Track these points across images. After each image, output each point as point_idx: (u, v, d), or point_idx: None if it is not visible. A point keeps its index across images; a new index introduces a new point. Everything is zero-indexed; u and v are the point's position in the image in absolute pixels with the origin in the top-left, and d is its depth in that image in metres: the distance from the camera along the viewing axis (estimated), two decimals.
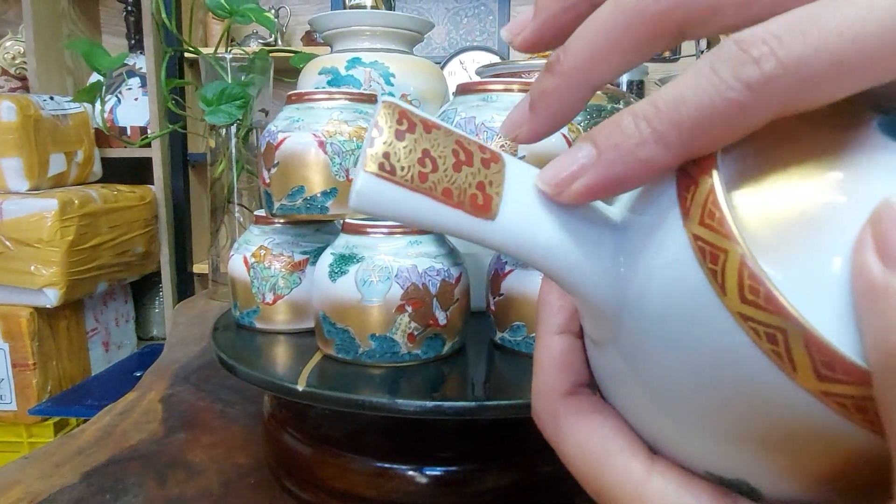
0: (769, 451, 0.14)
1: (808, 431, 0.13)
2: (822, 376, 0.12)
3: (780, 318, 0.12)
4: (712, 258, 0.13)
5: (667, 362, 0.14)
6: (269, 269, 0.42)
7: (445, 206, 0.15)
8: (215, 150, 0.92)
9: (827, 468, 0.14)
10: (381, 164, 0.14)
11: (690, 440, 0.15)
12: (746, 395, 0.13)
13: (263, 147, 0.41)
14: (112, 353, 1.56)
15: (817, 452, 0.13)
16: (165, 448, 0.48)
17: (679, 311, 0.14)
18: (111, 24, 1.94)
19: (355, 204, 0.14)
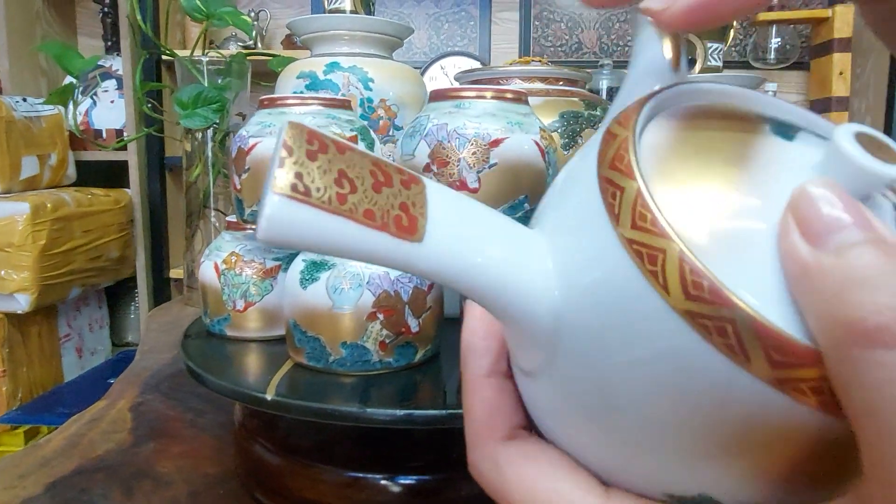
0: (730, 456, 0.13)
1: (767, 425, 0.13)
2: (775, 363, 0.12)
3: (727, 308, 0.12)
4: (650, 259, 0.13)
5: (613, 378, 0.14)
6: (240, 276, 0.42)
7: (369, 228, 0.13)
8: (191, 154, 0.91)
9: (790, 463, 0.13)
10: (293, 185, 0.13)
11: (644, 462, 0.15)
12: (701, 397, 0.13)
13: (235, 152, 0.40)
14: (85, 360, 1.53)
15: (780, 447, 0.13)
16: (133, 458, 0.47)
17: (621, 319, 0.13)
18: (87, 25, 1.92)
19: (265, 233, 0.13)
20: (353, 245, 0.13)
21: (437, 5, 2.02)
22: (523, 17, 2.00)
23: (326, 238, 0.13)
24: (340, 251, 0.13)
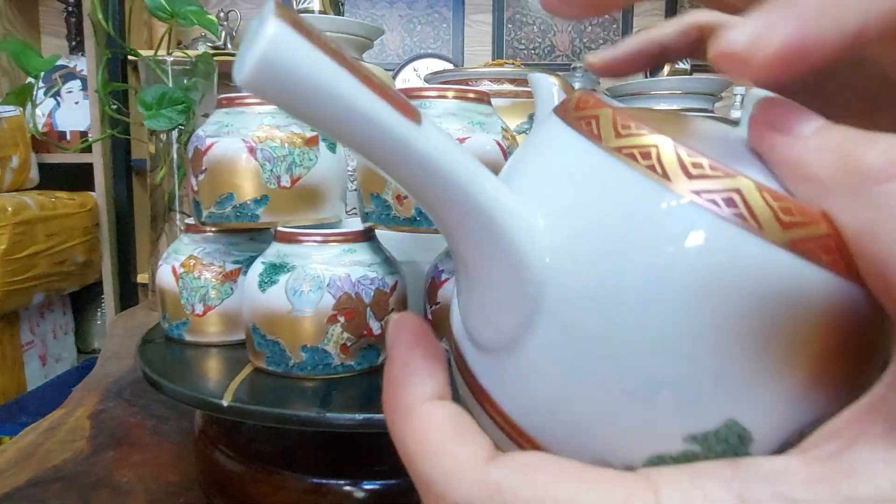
0: (756, 356, 0.13)
1: (787, 301, 0.12)
2: (785, 224, 0.12)
3: (731, 179, 0.12)
4: (643, 155, 0.13)
5: (624, 301, 0.13)
6: (198, 280, 0.41)
7: (371, 92, 0.11)
8: (155, 156, 0.90)
9: (818, 357, 0.13)
10: (294, 21, 0.11)
11: (655, 406, 0.13)
12: (719, 281, 0.12)
13: (191, 153, 0.39)
14: (49, 367, 1.50)
15: (802, 330, 0.13)
16: (91, 468, 0.46)
17: (626, 227, 0.13)
18: (51, 24, 1.87)
19: (260, 65, 0.10)
20: (352, 104, 0.11)
21: (409, 7, 2.02)
22: (496, 20, 2.00)
23: (326, 90, 0.11)
24: (335, 114, 0.11)
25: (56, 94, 1.64)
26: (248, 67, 0.10)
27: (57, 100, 1.64)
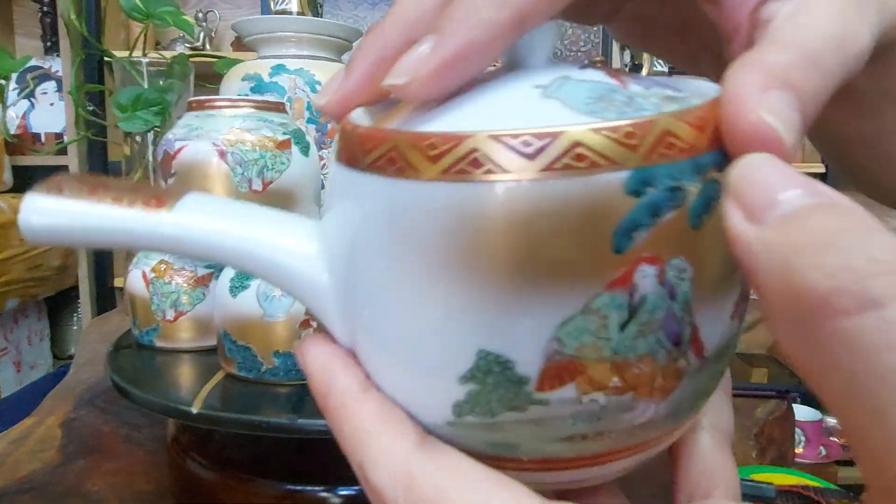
0: (462, 281, 0.13)
1: (457, 222, 0.13)
2: (432, 158, 0.13)
3: (389, 141, 0.14)
4: (390, 161, 0.14)
5: (372, 269, 0.15)
6: (169, 285, 0.40)
7: (113, 206, 0.15)
8: (131, 159, 0.88)
9: (512, 261, 0.13)
10: (48, 187, 0.16)
11: (424, 358, 0.14)
12: (409, 231, 0.14)
13: (161, 156, 0.39)
14: (24, 374, 1.47)
15: (479, 242, 0.13)
16: (62, 477, 0.45)
17: (348, 205, 0.15)
18: (26, 24, 1.84)
19: (22, 223, 0.15)
20: (99, 222, 0.15)
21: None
22: None
23: (75, 221, 0.15)
24: (89, 231, 0.15)
25: (30, 96, 1.61)
26: (23, 226, 0.15)
27: (31, 101, 1.62)
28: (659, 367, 0.14)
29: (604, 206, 0.13)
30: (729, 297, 0.15)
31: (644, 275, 0.13)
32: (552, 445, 0.15)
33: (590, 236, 0.13)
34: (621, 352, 0.13)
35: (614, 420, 0.14)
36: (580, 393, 0.14)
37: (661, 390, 0.14)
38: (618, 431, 0.14)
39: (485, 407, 0.14)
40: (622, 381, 0.14)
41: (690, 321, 0.14)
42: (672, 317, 0.14)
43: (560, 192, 0.12)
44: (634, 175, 0.13)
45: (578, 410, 0.14)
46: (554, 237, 0.13)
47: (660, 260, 0.13)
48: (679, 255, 0.13)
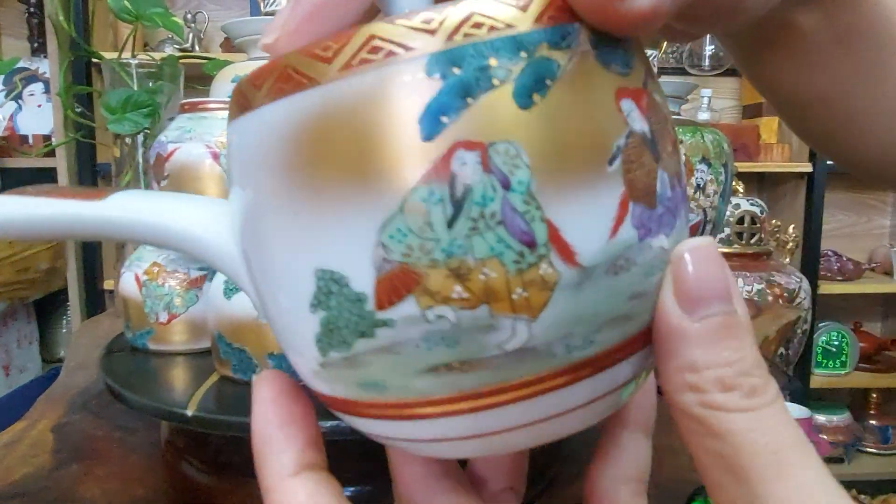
0: (287, 197, 0.13)
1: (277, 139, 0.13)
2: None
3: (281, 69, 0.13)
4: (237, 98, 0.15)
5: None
6: (162, 287, 0.40)
7: (52, 198, 0.17)
8: (121, 161, 0.88)
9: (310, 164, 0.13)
10: (13, 192, 0.18)
11: (281, 292, 0.14)
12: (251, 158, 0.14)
13: (153, 159, 0.38)
14: (13, 378, 1.46)
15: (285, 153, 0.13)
16: (54, 483, 0.45)
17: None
18: (13, 25, 1.82)
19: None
20: (48, 211, 0.17)
21: None
22: None
23: (29, 212, 0.17)
24: (40, 221, 0.17)
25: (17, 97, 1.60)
26: None
27: (18, 103, 1.60)
28: (513, 274, 0.12)
29: (406, 93, 0.12)
30: (602, 192, 0.13)
31: (462, 162, 0.12)
32: (419, 380, 0.13)
33: (396, 126, 0.12)
34: (456, 254, 0.12)
35: (477, 343, 0.13)
36: (423, 307, 0.12)
37: (527, 305, 0.12)
38: (489, 360, 0.13)
39: (338, 337, 0.14)
40: (468, 291, 0.12)
41: (543, 217, 0.12)
42: (512, 210, 0.12)
43: (359, 86, 0.12)
44: (436, 57, 0.12)
45: (428, 331, 0.13)
46: (358, 133, 0.12)
47: (480, 145, 0.12)
48: (506, 139, 0.12)
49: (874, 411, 1.93)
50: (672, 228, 0.14)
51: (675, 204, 0.14)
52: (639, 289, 0.13)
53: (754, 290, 1.40)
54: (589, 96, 0.13)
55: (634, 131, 0.13)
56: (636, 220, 0.13)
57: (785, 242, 1.67)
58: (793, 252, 1.69)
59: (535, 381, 0.13)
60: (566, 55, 0.13)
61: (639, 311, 0.14)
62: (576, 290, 0.13)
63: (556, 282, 0.12)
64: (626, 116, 0.13)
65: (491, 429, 0.14)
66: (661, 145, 0.14)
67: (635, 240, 0.13)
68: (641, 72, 0.14)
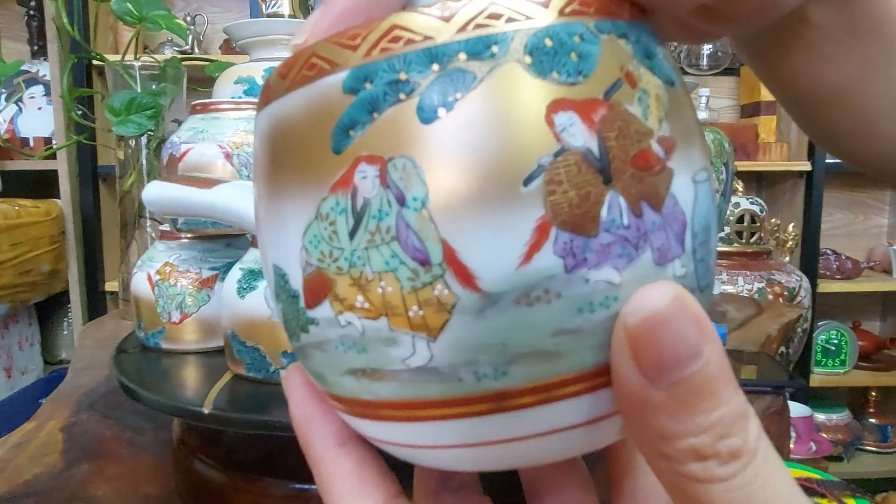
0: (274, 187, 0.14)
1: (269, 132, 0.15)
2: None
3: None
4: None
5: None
6: (174, 287, 0.40)
7: (183, 185, 0.25)
8: (124, 162, 0.88)
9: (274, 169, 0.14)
10: (165, 177, 0.24)
11: (270, 281, 0.15)
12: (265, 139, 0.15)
13: (166, 159, 0.39)
14: (15, 380, 1.45)
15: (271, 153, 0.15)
16: (65, 482, 0.45)
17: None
18: (12, 28, 1.82)
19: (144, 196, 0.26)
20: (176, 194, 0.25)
21: None
22: None
23: (165, 194, 0.26)
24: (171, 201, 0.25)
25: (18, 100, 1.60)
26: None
27: (19, 105, 1.60)
28: (408, 291, 0.12)
29: (325, 108, 0.13)
30: (512, 215, 0.12)
31: (363, 175, 0.12)
32: (342, 379, 0.14)
33: (315, 139, 0.13)
34: (356, 264, 0.12)
35: (382, 354, 0.13)
36: (336, 311, 0.13)
37: (424, 324, 0.12)
38: (397, 374, 0.13)
39: (289, 328, 0.15)
40: (368, 302, 0.12)
41: (438, 236, 0.12)
42: (406, 226, 0.12)
43: (295, 101, 0.13)
44: (352, 73, 0.12)
45: (342, 335, 0.13)
46: (289, 144, 0.13)
47: (380, 159, 0.12)
48: (403, 154, 0.12)
49: (873, 410, 1.94)
50: (629, 261, 0.12)
51: (639, 233, 0.12)
52: (568, 325, 0.12)
53: (754, 289, 1.40)
54: (508, 109, 0.12)
55: (569, 148, 0.12)
56: (561, 248, 0.12)
57: (784, 241, 1.67)
58: (792, 251, 1.70)
59: (447, 404, 0.13)
60: (486, 65, 0.12)
61: (571, 349, 0.12)
62: (477, 315, 0.12)
63: (454, 304, 0.12)
64: (558, 131, 0.12)
65: (428, 442, 0.14)
66: (620, 164, 0.12)
67: (559, 269, 0.12)
68: (608, 80, 0.12)
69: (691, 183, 0.13)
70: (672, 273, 0.13)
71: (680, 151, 0.13)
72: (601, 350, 0.12)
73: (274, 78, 0.14)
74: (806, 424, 1.50)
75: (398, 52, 0.12)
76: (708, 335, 0.12)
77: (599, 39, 0.13)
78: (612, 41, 0.13)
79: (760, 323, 0.87)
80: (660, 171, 0.13)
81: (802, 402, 1.47)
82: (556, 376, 0.12)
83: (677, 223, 0.13)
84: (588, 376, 0.13)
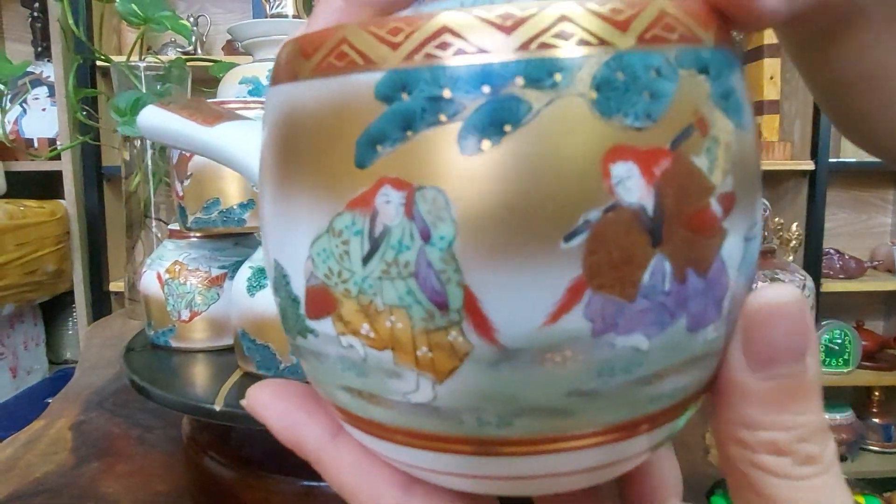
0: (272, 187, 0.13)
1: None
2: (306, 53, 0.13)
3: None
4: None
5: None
6: (184, 286, 0.41)
7: (183, 117, 0.23)
8: (130, 163, 0.88)
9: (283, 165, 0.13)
10: (162, 103, 0.24)
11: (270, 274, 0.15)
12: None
13: (175, 158, 0.39)
14: (20, 380, 1.46)
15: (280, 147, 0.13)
16: (75, 480, 0.45)
17: None
18: (15, 30, 1.83)
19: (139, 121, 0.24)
20: (175, 127, 0.23)
21: None
22: None
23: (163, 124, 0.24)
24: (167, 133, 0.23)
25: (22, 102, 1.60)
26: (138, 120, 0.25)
27: (23, 107, 1.61)
28: (419, 331, 0.11)
29: (352, 112, 0.11)
30: (547, 271, 0.10)
31: (387, 199, 0.11)
32: (339, 394, 0.13)
33: (337, 144, 0.11)
34: (367, 292, 0.11)
35: (382, 384, 0.12)
36: (338, 332, 0.12)
37: (432, 366, 0.11)
38: (395, 403, 0.12)
39: (286, 326, 0.14)
40: (374, 332, 0.11)
41: (461, 281, 0.11)
42: (427, 265, 0.11)
43: (317, 92, 0.12)
44: (388, 77, 0.11)
45: (342, 354, 0.12)
46: (305, 140, 0.12)
47: (408, 185, 0.11)
48: (436, 185, 0.11)
49: (877, 409, 1.93)
50: (661, 329, 0.11)
51: (679, 300, 0.11)
52: (584, 387, 0.11)
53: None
54: (562, 152, 0.10)
55: (622, 204, 0.10)
56: (593, 312, 0.11)
57: (788, 240, 1.67)
58: (796, 250, 1.70)
59: (445, 440, 0.12)
60: (546, 96, 0.10)
61: (583, 410, 0.12)
62: (491, 367, 0.11)
63: (468, 353, 0.11)
64: (613, 183, 0.10)
65: (425, 466, 0.13)
66: (673, 226, 0.11)
67: (586, 333, 0.11)
68: (679, 126, 0.11)
69: (742, 242, 0.12)
70: (703, 339, 0.12)
71: (738, 209, 0.12)
72: (614, 412, 0.12)
73: (294, 53, 0.12)
74: None
75: (445, 62, 0.10)
76: (813, 344, 0.12)
77: (678, 76, 0.11)
78: (690, 77, 0.11)
79: None
80: (714, 234, 0.12)
81: None
82: (562, 433, 0.12)
83: (720, 288, 0.12)
84: (596, 434, 0.12)
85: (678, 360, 0.12)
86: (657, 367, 0.12)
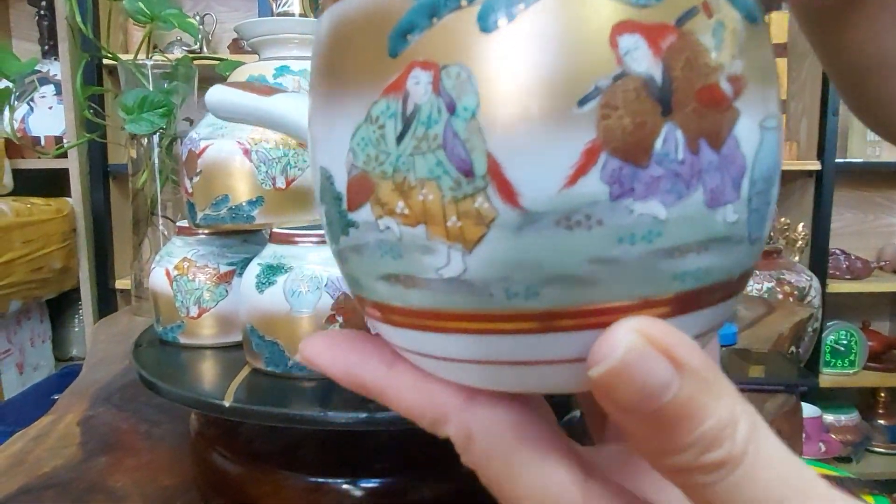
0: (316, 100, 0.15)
1: None
2: None
3: None
4: None
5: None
6: (193, 282, 0.41)
7: (245, 92, 0.24)
8: (137, 161, 0.89)
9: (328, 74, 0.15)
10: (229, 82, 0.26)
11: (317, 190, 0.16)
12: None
13: (185, 155, 0.39)
14: (27, 376, 1.47)
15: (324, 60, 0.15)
16: (84, 474, 0.45)
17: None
18: (22, 28, 1.84)
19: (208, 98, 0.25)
20: (239, 100, 0.24)
21: None
22: None
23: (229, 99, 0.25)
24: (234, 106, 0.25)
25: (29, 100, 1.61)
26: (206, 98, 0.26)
27: (30, 105, 1.62)
28: (448, 200, 0.12)
29: (386, 11, 0.12)
30: (563, 135, 0.11)
31: (416, 80, 0.12)
32: (377, 284, 0.14)
33: (373, 40, 0.13)
34: (401, 169, 0.12)
35: (417, 262, 0.13)
36: (376, 216, 0.13)
37: (461, 235, 0.12)
38: (428, 282, 0.13)
39: (330, 231, 0.15)
40: (408, 208, 0.12)
41: (485, 148, 0.12)
42: (453, 135, 0.12)
43: (357, 2, 0.13)
44: None
45: (380, 239, 0.13)
46: (347, 45, 0.13)
47: (434, 65, 0.12)
48: (459, 62, 0.12)
49: (883, 410, 1.93)
50: (678, 198, 0.12)
51: (693, 170, 0.12)
52: (606, 254, 0.12)
53: (764, 289, 1.40)
54: (572, 25, 0.11)
55: (630, 73, 0.11)
56: (609, 175, 0.11)
57: (794, 241, 1.67)
58: (802, 250, 1.69)
59: (474, 318, 0.13)
60: None
61: (606, 279, 0.12)
62: (515, 232, 0.12)
63: (494, 219, 0.12)
64: (621, 54, 0.11)
65: (450, 354, 0.14)
66: (683, 96, 0.12)
67: (604, 196, 0.11)
68: (684, 5, 0.12)
69: (758, 127, 0.13)
70: (723, 218, 0.12)
71: (750, 92, 0.13)
72: (636, 284, 0.12)
73: None
74: (815, 425, 1.50)
75: None
76: (680, 359, 0.11)
77: None
78: None
79: (771, 322, 0.87)
80: (724, 110, 0.12)
81: (811, 402, 1.47)
82: (587, 304, 0.12)
83: (736, 167, 0.12)
84: (620, 310, 0.12)
85: (699, 237, 0.12)
86: (677, 240, 0.12)
